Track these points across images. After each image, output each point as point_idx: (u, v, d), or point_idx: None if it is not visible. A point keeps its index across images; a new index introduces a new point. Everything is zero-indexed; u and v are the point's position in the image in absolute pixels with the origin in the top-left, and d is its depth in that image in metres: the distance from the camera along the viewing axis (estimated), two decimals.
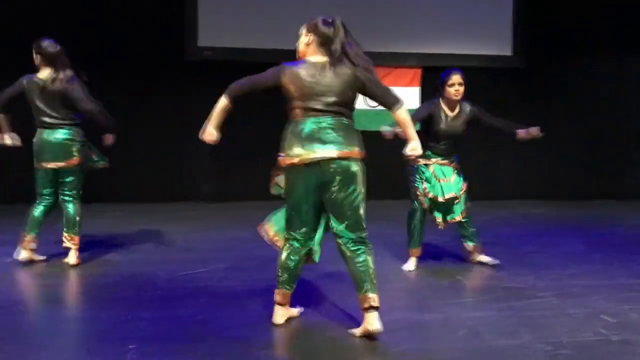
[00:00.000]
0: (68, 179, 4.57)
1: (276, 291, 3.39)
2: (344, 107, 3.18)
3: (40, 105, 4.49)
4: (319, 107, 3.14)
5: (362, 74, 3.15)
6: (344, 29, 3.18)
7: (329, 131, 3.13)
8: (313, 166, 3.13)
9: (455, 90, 4.43)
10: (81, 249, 4.70)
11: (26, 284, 4.31)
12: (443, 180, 4.45)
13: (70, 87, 4.45)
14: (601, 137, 8.56)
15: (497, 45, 8.20)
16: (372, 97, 3.23)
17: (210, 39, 7.64)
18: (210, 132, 3.27)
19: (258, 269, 4.47)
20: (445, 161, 4.52)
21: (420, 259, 4.66)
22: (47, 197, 4.61)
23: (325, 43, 3.17)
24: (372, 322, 3.16)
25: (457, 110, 4.53)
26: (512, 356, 3.00)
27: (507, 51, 8.24)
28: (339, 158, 3.12)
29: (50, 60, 4.47)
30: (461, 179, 4.54)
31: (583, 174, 8.56)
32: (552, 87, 8.45)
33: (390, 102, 3.20)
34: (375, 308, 3.17)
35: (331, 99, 3.14)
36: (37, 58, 4.51)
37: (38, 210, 4.61)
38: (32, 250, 4.62)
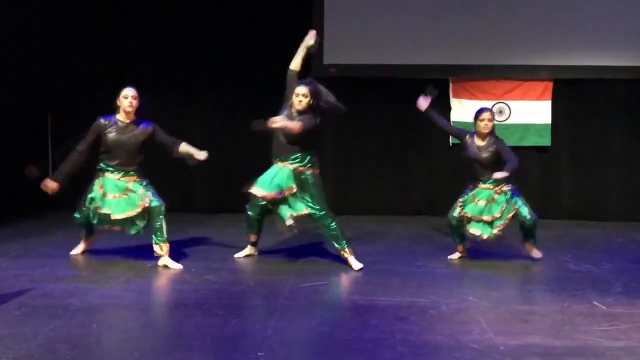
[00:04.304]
0: None
1: None
2: None
3: None
4: None
5: None
6: None
7: None
8: None
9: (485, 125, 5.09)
10: (216, 257, 4.92)
11: (162, 288, 4.57)
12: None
13: None
14: None
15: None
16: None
17: (335, 56, 7.77)
18: None
19: (378, 284, 4.46)
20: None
21: (556, 282, 4.60)
22: None
23: None
24: None
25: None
26: None
27: None
28: None
29: None
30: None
31: None
32: None
33: None
34: None
35: None
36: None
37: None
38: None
